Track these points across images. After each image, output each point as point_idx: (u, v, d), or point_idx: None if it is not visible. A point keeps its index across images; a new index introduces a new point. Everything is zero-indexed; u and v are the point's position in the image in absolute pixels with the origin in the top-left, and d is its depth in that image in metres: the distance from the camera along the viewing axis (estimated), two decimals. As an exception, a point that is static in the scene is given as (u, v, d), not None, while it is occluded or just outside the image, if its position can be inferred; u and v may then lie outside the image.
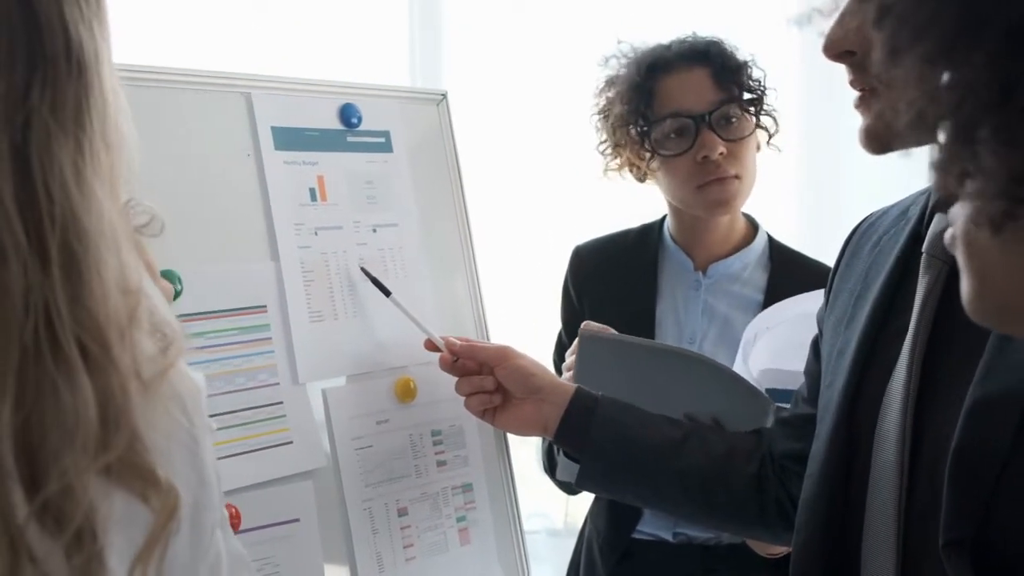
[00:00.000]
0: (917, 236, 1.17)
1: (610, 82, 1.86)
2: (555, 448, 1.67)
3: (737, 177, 1.77)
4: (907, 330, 1.11)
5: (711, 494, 1.44)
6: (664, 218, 1.93)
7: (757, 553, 1.75)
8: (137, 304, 0.70)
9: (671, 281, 1.89)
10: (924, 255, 1.12)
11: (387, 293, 1.47)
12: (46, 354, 0.63)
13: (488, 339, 1.66)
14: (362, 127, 1.55)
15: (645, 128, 1.79)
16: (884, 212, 1.30)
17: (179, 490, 0.70)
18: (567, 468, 1.53)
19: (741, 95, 1.76)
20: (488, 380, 1.48)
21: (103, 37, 0.71)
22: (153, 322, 0.72)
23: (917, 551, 1.06)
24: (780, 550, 1.69)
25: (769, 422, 1.50)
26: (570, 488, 1.80)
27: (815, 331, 1.61)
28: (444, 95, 1.67)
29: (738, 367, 1.69)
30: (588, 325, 1.64)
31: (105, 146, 0.70)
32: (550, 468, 1.76)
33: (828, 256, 1.80)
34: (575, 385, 1.47)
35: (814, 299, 1.72)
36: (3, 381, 0.62)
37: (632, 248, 1.94)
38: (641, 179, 1.88)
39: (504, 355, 1.47)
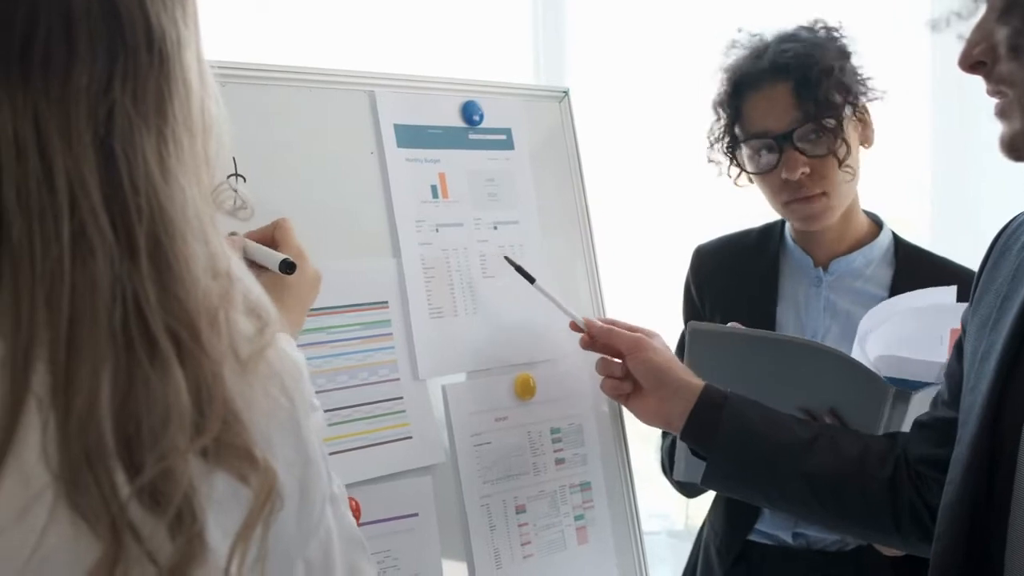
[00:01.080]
0: None
1: (723, 70, 1.83)
2: (675, 448, 1.66)
3: (824, 194, 1.72)
4: None
5: (841, 498, 1.40)
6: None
7: (878, 558, 1.71)
8: (227, 288, 0.70)
9: (792, 279, 1.86)
10: None
11: (531, 280, 1.47)
12: (137, 343, 0.64)
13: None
14: (484, 124, 1.55)
15: (731, 147, 1.77)
16: None
17: (278, 469, 0.70)
18: (692, 467, 1.52)
19: (819, 112, 1.70)
20: (617, 367, 1.48)
21: (186, 24, 0.72)
22: (248, 304, 0.73)
23: None
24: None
25: (887, 408, 1.46)
26: (688, 489, 1.78)
27: (932, 324, 1.58)
28: (566, 92, 1.67)
29: (855, 356, 1.65)
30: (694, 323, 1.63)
31: (189, 134, 0.71)
32: (669, 468, 1.74)
33: (960, 258, 1.75)
34: (703, 382, 1.45)
35: (933, 294, 1.69)
36: (98, 370, 0.63)
37: (753, 247, 1.92)
38: (737, 183, 1.86)
39: (637, 345, 1.46)
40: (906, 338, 1.60)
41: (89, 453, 0.62)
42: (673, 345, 1.90)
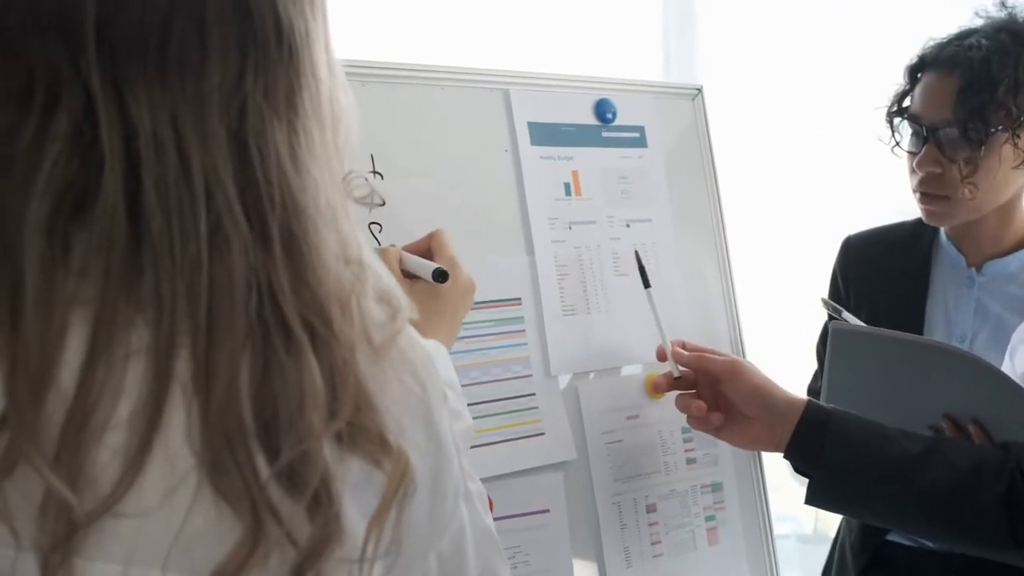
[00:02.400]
0: None
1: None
2: None
3: (946, 198, 1.66)
4: None
5: (955, 513, 1.35)
6: None
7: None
8: (360, 275, 0.71)
9: (943, 277, 1.80)
10: None
11: (647, 285, 1.46)
12: (272, 330, 0.66)
13: (741, 339, 1.64)
14: (617, 122, 1.55)
15: (891, 120, 1.72)
16: None
17: (410, 454, 0.71)
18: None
19: (975, 121, 1.64)
20: (705, 398, 1.43)
21: (314, 17, 0.72)
22: (379, 291, 0.73)
23: None
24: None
25: None
26: None
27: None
28: (700, 89, 1.65)
29: (1004, 368, 1.60)
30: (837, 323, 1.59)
31: (319, 124, 0.72)
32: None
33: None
34: (806, 399, 1.41)
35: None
36: (237, 357, 0.65)
37: (905, 241, 1.86)
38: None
39: (735, 369, 1.41)
40: None
41: (230, 436, 0.64)
42: (799, 353, 1.88)
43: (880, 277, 1.83)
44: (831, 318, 1.70)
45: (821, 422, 1.37)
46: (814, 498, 1.40)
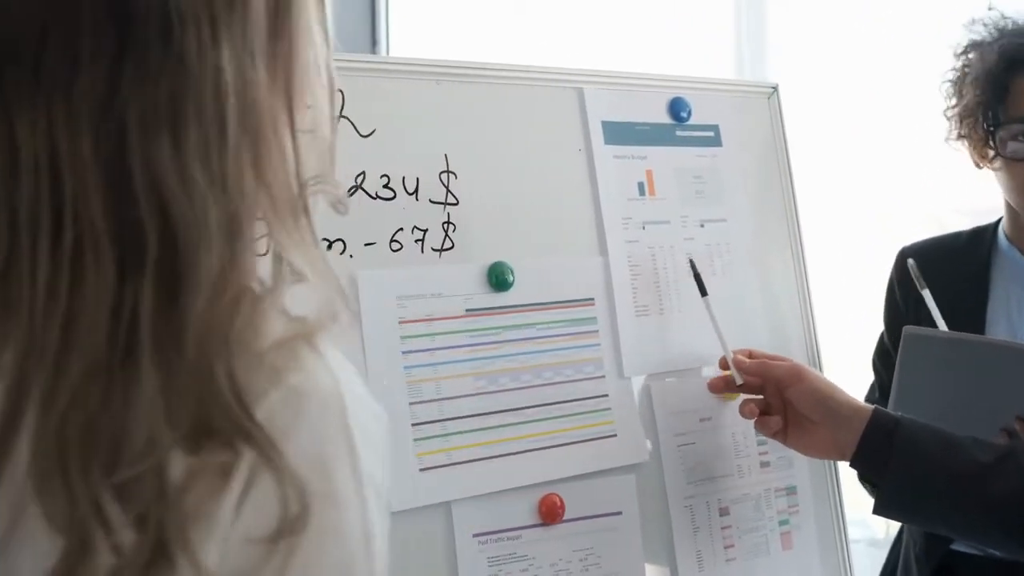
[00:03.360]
0: None
1: (971, 47, 1.76)
2: None
3: None
4: None
5: None
6: (999, 220, 1.82)
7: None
8: (245, 296, 0.66)
9: (1005, 282, 1.77)
10: None
11: (704, 293, 1.44)
12: (128, 357, 0.62)
13: (816, 342, 1.61)
14: (691, 121, 1.54)
15: (991, 127, 1.68)
16: None
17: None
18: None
19: None
20: (773, 403, 1.41)
21: (230, 12, 0.66)
22: (279, 314, 0.68)
23: None
24: None
25: None
26: None
27: None
28: (775, 88, 1.63)
29: None
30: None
31: (221, 136, 0.65)
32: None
33: None
34: (872, 407, 1.38)
35: None
36: (83, 382, 0.62)
37: (962, 249, 1.84)
38: (977, 165, 1.77)
39: (798, 375, 1.39)
40: None
41: (65, 451, 0.62)
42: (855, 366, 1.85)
43: (939, 285, 1.80)
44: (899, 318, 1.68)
45: (888, 429, 1.34)
46: (882, 508, 1.38)
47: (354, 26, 2.41)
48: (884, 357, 1.86)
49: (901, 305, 1.86)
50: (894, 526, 2.69)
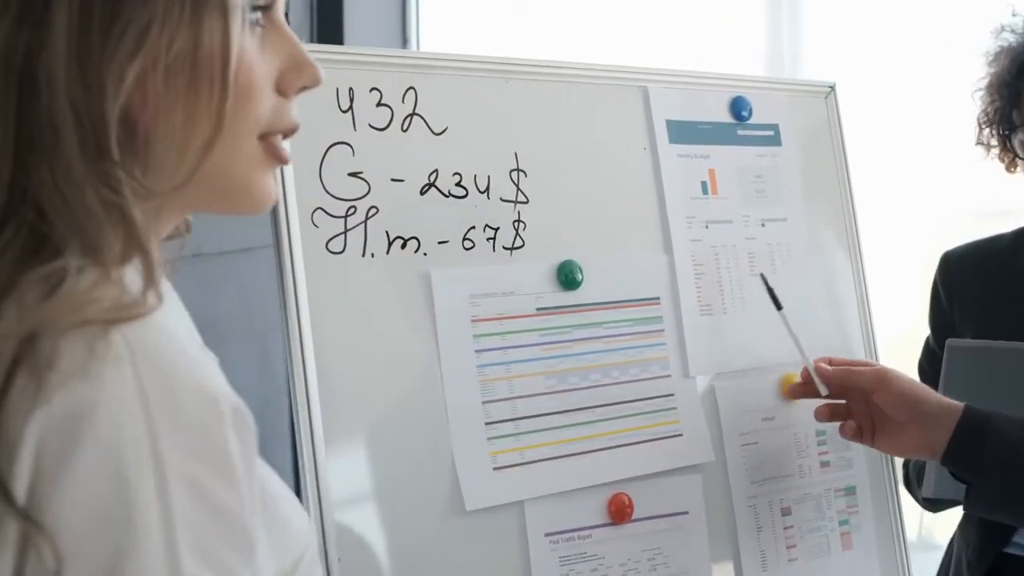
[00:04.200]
0: None
1: (999, 55, 1.76)
2: (923, 464, 1.60)
3: None
4: None
5: None
6: None
7: None
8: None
9: None
10: None
11: (779, 307, 1.42)
12: None
13: (875, 343, 1.61)
14: (752, 120, 1.53)
15: (1007, 132, 1.69)
16: None
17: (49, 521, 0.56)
18: (943, 483, 1.45)
19: None
20: (856, 407, 1.39)
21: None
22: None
23: None
24: None
25: None
26: (934, 505, 1.71)
27: None
28: (832, 87, 1.63)
29: None
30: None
31: None
32: (917, 483, 1.68)
33: None
34: (962, 404, 1.38)
35: None
36: None
37: (1007, 250, 1.83)
38: (1008, 171, 1.78)
39: (883, 379, 1.37)
40: None
41: None
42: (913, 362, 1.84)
43: (984, 287, 1.80)
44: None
45: (979, 426, 1.34)
46: (974, 504, 1.38)
47: (384, 21, 2.42)
48: (931, 359, 1.86)
49: (946, 307, 1.85)
50: (927, 529, 2.69)
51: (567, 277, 1.33)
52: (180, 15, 0.63)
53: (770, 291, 1.42)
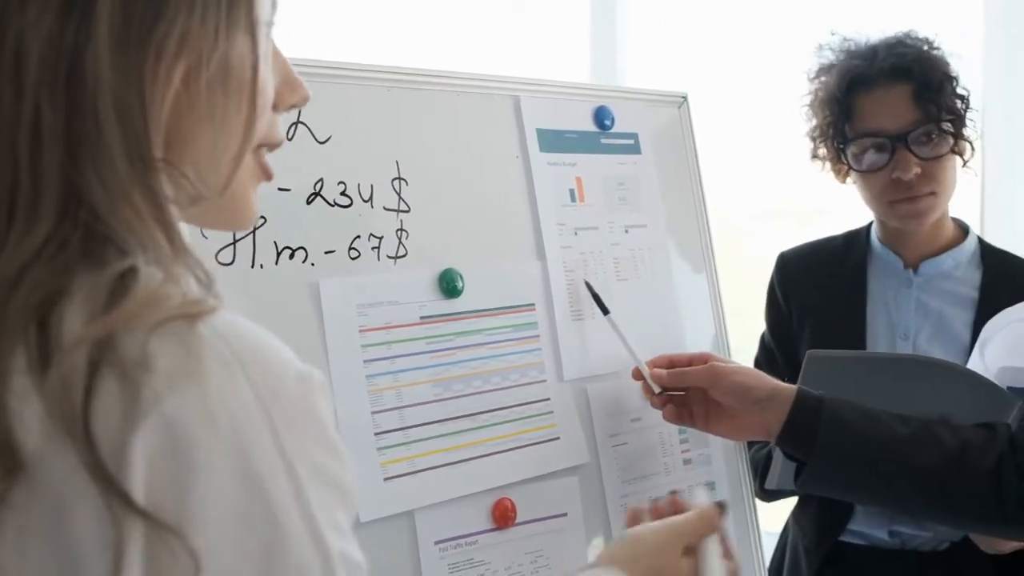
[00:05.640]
0: None
1: (821, 71, 1.87)
2: (767, 458, 1.69)
3: (932, 194, 1.77)
4: None
5: (946, 491, 1.42)
6: (871, 223, 1.94)
7: (977, 557, 1.73)
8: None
9: (881, 280, 1.89)
10: None
11: (605, 312, 1.47)
12: None
13: (727, 336, 1.67)
14: (614, 129, 1.57)
15: (842, 145, 1.80)
16: None
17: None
18: (786, 475, 1.53)
19: (940, 115, 1.75)
20: (671, 411, 1.47)
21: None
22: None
23: None
24: (1010, 547, 1.67)
25: (1015, 419, 1.48)
26: (769, 495, 1.80)
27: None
28: (685, 97, 1.69)
29: (974, 365, 1.68)
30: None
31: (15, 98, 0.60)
32: (757, 476, 1.75)
33: None
34: (795, 387, 1.46)
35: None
36: None
37: (839, 251, 1.95)
38: (840, 180, 1.89)
39: (715, 375, 1.44)
40: (1022, 347, 1.63)
41: None
42: (745, 354, 1.93)
43: (820, 288, 1.92)
44: None
45: (813, 407, 1.41)
46: (808, 482, 1.44)
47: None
48: (767, 356, 1.95)
49: (783, 306, 1.95)
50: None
51: (448, 285, 1.34)
52: (216, 25, 0.63)
53: (595, 297, 1.46)
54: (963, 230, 1.90)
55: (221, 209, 0.72)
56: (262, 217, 1.19)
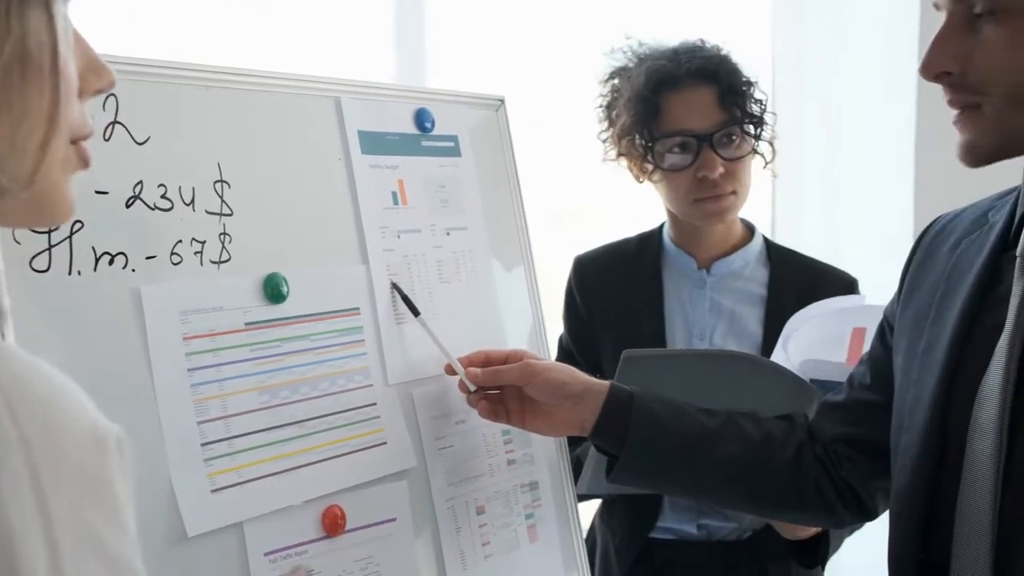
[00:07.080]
0: (1005, 239, 1.24)
1: (615, 73, 1.92)
2: (578, 463, 1.72)
3: (734, 192, 1.86)
4: (1001, 328, 1.18)
5: (750, 481, 1.49)
6: (662, 225, 2.00)
7: (777, 544, 1.82)
8: None
9: (675, 281, 1.96)
10: (1019, 259, 1.19)
11: (416, 313, 1.47)
12: None
13: (546, 335, 1.69)
14: (435, 131, 1.57)
15: (649, 143, 1.85)
16: (956, 215, 1.37)
17: None
18: (596, 479, 1.58)
19: (744, 117, 1.83)
20: (485, 407, 1.48)
21: None
22: None
23: (1012, 541, 1.13)
24: (808, 532, 1.76)
25: (813, 411, 1.56)
26: (579, 499, 1.84)
27: (840, 326, 1.70)
28: (502, 100, 1.70)
29: (779, 359, 1.75)
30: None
31: None
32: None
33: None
34: (608, 382, 1.50)
35: (847, 300, 1.82)
36: None
37: (633, 254, 2.01)
38: (638, 180, 1.95)
39: (529, 372, 1.46)
40: (823, 341, 1.72)
41: None
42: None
43: (617, 289, 1.97)
44: None
45: (625, 402, 1.46)
46: (620, 476, 1.48)
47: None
48: (567, 359, 1.98)
49: (582, 310, 2.00)
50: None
51: (273, 290, 1.30)
52: (8, 5, 0.59)
53: (405, 299, 1.46)
54: (750, 230, 1.99)
55: (31, 202, 0.66)
56: (79, 221, 1.13)
